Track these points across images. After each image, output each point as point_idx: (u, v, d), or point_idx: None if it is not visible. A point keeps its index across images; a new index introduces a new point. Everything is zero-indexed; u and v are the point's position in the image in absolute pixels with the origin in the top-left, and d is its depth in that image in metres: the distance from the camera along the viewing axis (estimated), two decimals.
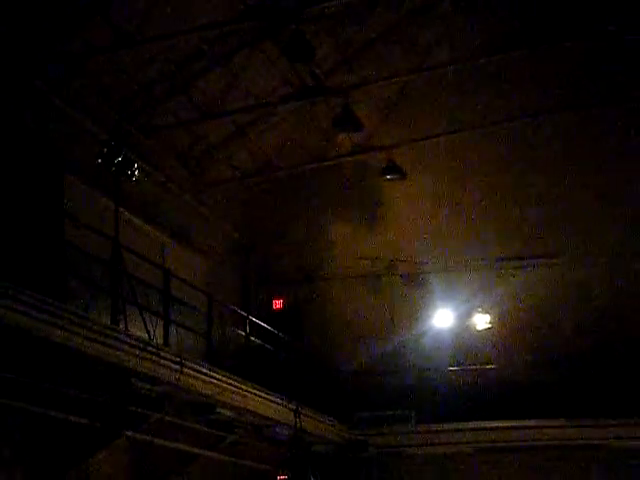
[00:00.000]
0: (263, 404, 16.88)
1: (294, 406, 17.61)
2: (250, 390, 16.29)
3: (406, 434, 22.42)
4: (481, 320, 24.18)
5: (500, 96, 22.99)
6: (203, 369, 14.54)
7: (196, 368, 14.26)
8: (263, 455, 18.52)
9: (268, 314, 23.15)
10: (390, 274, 24.84)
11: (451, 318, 24.15)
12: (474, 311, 24.18)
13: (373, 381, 23.82)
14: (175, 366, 13.53)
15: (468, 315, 24.19)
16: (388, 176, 22.22)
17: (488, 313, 24.13)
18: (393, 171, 22.12)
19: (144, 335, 13.75)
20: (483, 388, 22.89)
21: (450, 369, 23.67)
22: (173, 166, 20.75)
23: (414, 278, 24.63)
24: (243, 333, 18.76)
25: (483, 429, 21.80)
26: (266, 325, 20.32)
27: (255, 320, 19.63)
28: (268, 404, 17.05)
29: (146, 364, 12.79)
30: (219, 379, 15.07)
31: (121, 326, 13.02)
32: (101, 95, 17.32)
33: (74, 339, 11.19)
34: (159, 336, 14.68)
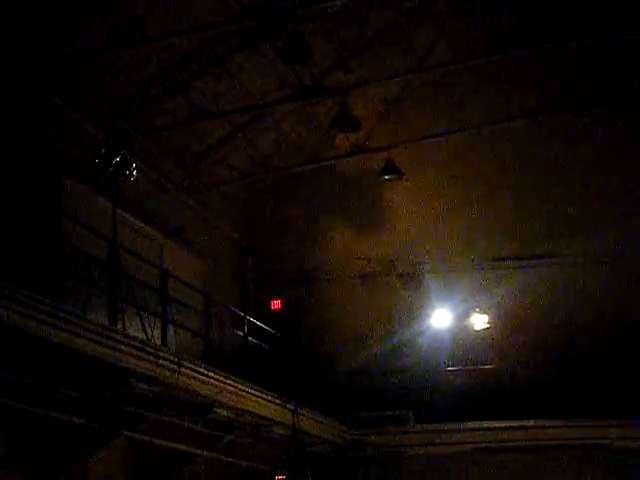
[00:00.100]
0: (261, 404, 16.87)
1: (292, 406, 17.62)
2: (248, 390, 16.28)
3: (404, 434, 22.41)
4: (479, 320, 24.21)
5: (499, 96, 23.00)
6: (201, 369, 14.53)
7: (194, 368, 14.25)
8: (261, 455, 18.51)
9: (266, 314, 23.15)
10: (388, 274, 24.85)
11: (449, 318, 24.18)
12: (472, 311, 24.21)
13: (371, 381, 23.83)
14: (173, 366, 13.52)
15: (466, 315, 24.21)
16: (386, 176, 22.25)
17: (486, 313, 24.16)
18: (391, 171, 22.15)
19: (142, 335, 13.75)
20: (481, 388, 22.89)
21: (448, 369, 23.69)
22: (171, 166, 20.75)
23: (412, 278, 24.66)
24: (241, 333, 18.77)
25: (481, 429, 21.81)
26: (264, 325, 20.33)
27: (253, 320, 19.64)
28: (266, 404, 17.04)
29: (144, 364, 12.78)
30: (217, 379, 15.06)
31: (119, 326, 13.02)
32: (99, 95, 17.33)
33: (72, 339, 11.17)
34: (157, 336, 14.69)
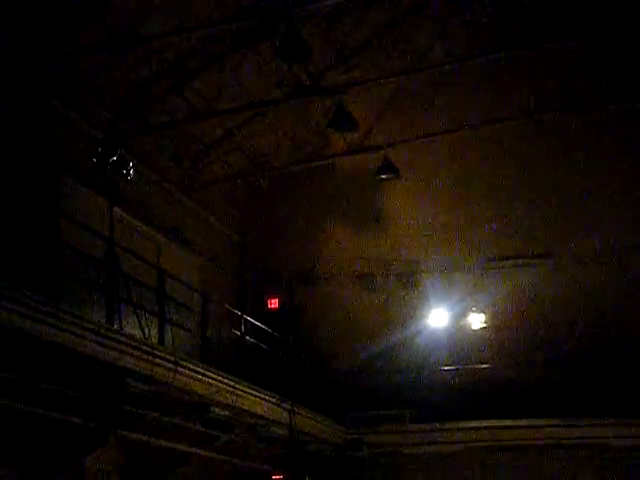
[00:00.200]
0: (258, 403, 16.88)
1: (289, 406, 17.62)
2: (245, 389, 16.29)
3: (401, 433, 22.43)
4: (476, 320, 24.21)
5: (497, 95, 23.00)
6: (198, 368, 14.53)
7: (191, 367, 14.26)
8: (258, 455, 18.51)
9: (263, 313, 23.14)
10: (385, 274, 24.85)
11: (446, 318, 24.16)
12: (469, 311, 24.20)
13: (368, 380, 23.84)
14: (170, 365, 13.53)
15: (463, 315, 24.20)
16: (383, 175, 22.22)
17: (483, 313, 24.15)
18: (388, 170, 22.11)
19: (139, 334, 13.75)
20: (478, 387, 22.91)
21: (445, 368, 23.68)
22: (168, 165, 20.76)
23: (409, 277, 24.65)
24: (238, 332, 18.75)
25: (478, 428, 21.82)
26: (261, 325, 20.32)
27: (250, 319, 19.63)
28: (263, 403, 17.05)
29: (141, 363, 12.78)
30: (214, 378, 15.07)
31: (116, 325, 13.02)
32: (97, 95, 17.32)
33: (69, 338, 11.18)
34: (154, 335, 14.69)
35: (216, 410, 15.42)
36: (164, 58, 18.05)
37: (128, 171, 14.59)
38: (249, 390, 16.45)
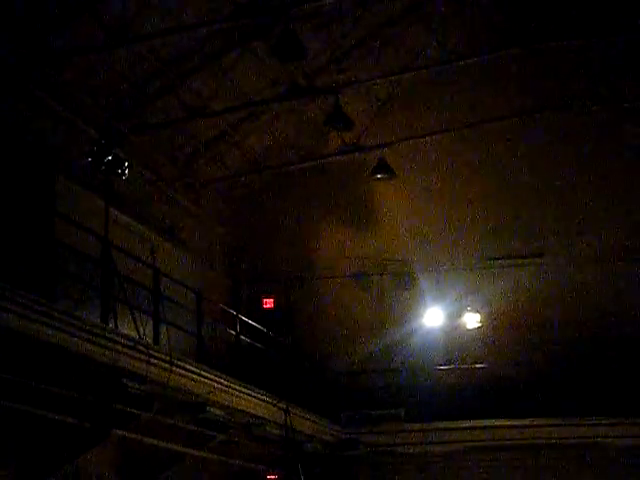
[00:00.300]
0: (253, 403, 16.87)
1: (284, 405, 17.60)
2: (240, 389, 16.28)
3: (397, 433, 22.43)
4: (471, 319, 24.23)
5: (492, 95, 23.03)
6: (193, 368, 14.51)
7: (186, 367, 14.23)
8: (253, 454, 18.50)
9: (258, 313, 23.13)
10: (380, 273, 24.86)
11: (441, 317, 24.19)
12: (464, 310, 24.23)
13: (364, 380, 23.85)
14: (165, 365, 13.50)
15: (458, 314, 24.23)
16: (378, 175, 22.23)
17: (478, 312, 24.18)
18: (383, 170, 22.12)
19: (134, 334, 13.72)
20: (474, 387, 22.93)
21: (441, 368, 23.70)
22: (164, 165, 20.74)
23: (404, 277, 24.66)
24: (233, 332, 18.74)
25: (473, 428, 21.85)
26: (256, 324, 20.31)
27: (245, 319, 19.61)
28: (258, 403, 17.04)
29: (136, 363, 12.75)
30: (209, 378, 15.05)
31: (111, 325, 12.99)
32: (92, 94, 17.29)
33: (64, 338, 11.16)
34: (149, 335, 14.66)
35: (211, 410, 15.41)
36: (159, 57, 18.03)
37: (123, 171, 14.51)
38: (244, 390, 16.44)
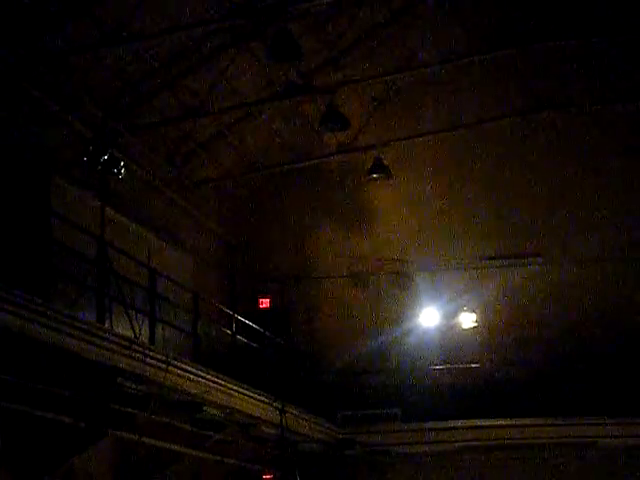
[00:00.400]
0: (249, 403, 16.86)
1: (280, 405, 17.59)
2: (236, 389, 16.27)
3: (393, 432, 22.45)
4: (467, 319, 24.24)
5: (488, 95, 23.04)
6: (189, 368, 14.50)
7: (182, 367, 14.23)
8: (249, 454, 18.50)
9: (254, 313, 23.11)
10: (376, 273, 24.86)
11: (437, 317, 24.20)
12: (460, 310, 24.23)
13: (359, 380, 23.85)
14: (161, 365, 13.49)
15: (454, 314, 24.24)
16: (374, 175, 22.24)
17: (474, 312, 24.19)
18: (379, 170, 22.13)
19: (130, 334, 13.71)
20: (469, 386, 22.95)
21: (436, 368, 23.71)
22: (160, 164, 20.72)
23: (400, 277, 24.67)
24: (229, 332, 18.73)
25: (469, 427, 21.86)
26: (252, 324, 20.30)
27: (241, 319, 19.61)
28: (255, 403, 17.03)
29: (132, 363, 12.74)
30: (205, 378, 15.04)
31: (107, 325, 12.98)
32: (87, 93, 17.27)
33: (60, 337, 11.15)
34: (145, 335, 14.65)
35: (207, 409, 15.41)
36: (156, 56, 18.02)
37: (119, 170, 14.54)
38: (240, 389, 16.43)
